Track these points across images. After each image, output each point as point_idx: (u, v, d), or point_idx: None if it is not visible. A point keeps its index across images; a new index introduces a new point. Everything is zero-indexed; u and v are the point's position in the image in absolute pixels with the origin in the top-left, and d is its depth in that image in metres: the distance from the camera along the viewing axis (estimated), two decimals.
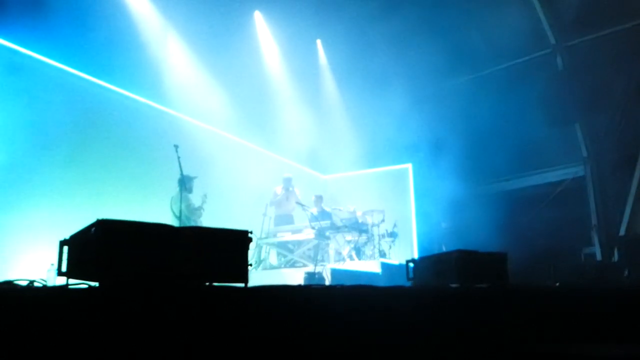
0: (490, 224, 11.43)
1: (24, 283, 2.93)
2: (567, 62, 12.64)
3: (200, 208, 8.95)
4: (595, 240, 12.24)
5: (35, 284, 2.96)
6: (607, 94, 11.57)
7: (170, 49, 10.13)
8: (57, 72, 8.26)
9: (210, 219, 9.61)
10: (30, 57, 7.88)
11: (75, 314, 2.32)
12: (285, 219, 10.73)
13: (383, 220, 11.36)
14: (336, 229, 9.87)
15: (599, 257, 11.90)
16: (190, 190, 8.85)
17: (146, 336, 2.43)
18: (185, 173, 8.45)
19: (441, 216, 13.46)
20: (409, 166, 14.07)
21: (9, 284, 2.86)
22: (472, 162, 12.53)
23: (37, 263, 6.52)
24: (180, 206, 8.52)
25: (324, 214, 10.68)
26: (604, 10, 11.39)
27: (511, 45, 12.19)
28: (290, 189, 10.96)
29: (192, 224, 8.58)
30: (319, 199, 11.19)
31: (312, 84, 13.31)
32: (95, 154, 8.48)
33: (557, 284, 7.16)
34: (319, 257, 9.33)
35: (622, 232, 11.66)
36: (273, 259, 10.20)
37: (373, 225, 11.02)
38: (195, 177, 8.92)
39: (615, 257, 11.17)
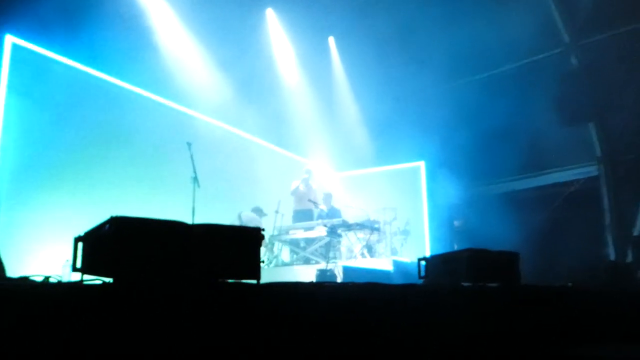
0: (503, 223, 11.35)
1: (40, 279, 2.98)
2: (581, 60, 12.52)
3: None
4: (609, 240, 12.13)
5: (51, 280, 3.00)
6: (621, 93, 11.45)
7: (183, 47, 10.19)
8: (73, 72, 8.34)
9: (222, 216, 9.71)
10: (46, 57, 7.96)
11: (90, 309, 2.35)
12: (305, 214, 10.75)
13: (395, 218, 11.35)
14: (348, 226, 9.87)
15: (612, 257, 11.80)
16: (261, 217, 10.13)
17: (159, 332, 2.46)
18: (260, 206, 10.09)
19: (453, 214, 13.40)
20: (421, 164, 14.01)
21: (25, 280, 2.90)
22: (484, 161, 12.45)
23: (53, 259, 6.61)
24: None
25: (333, 212, 10.68)
26: (619, 8, 11.26)
27: (525, 43, 12.10)
28: (310, 182, 11.04)
29: None
30: (328, 196, 11.19)
31: (324, 81, 13.33)
32: (111, 152, 8.56)
33: (570, 284, 7.12)
34: (331, 255, 9.33)
35: (636, 232, 11.55)
36: (285, 256, 10.23)
37: (385, 223, 11.00)
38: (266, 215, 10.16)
39: (629, 258, 11.08)
